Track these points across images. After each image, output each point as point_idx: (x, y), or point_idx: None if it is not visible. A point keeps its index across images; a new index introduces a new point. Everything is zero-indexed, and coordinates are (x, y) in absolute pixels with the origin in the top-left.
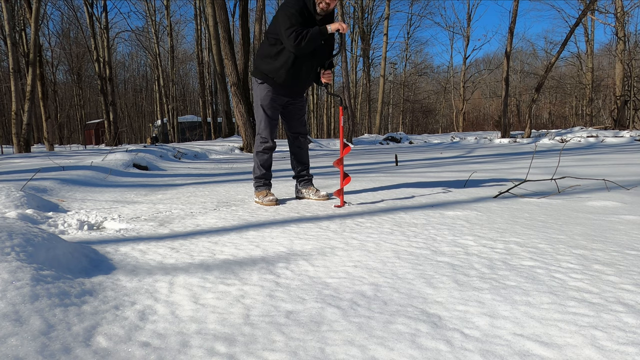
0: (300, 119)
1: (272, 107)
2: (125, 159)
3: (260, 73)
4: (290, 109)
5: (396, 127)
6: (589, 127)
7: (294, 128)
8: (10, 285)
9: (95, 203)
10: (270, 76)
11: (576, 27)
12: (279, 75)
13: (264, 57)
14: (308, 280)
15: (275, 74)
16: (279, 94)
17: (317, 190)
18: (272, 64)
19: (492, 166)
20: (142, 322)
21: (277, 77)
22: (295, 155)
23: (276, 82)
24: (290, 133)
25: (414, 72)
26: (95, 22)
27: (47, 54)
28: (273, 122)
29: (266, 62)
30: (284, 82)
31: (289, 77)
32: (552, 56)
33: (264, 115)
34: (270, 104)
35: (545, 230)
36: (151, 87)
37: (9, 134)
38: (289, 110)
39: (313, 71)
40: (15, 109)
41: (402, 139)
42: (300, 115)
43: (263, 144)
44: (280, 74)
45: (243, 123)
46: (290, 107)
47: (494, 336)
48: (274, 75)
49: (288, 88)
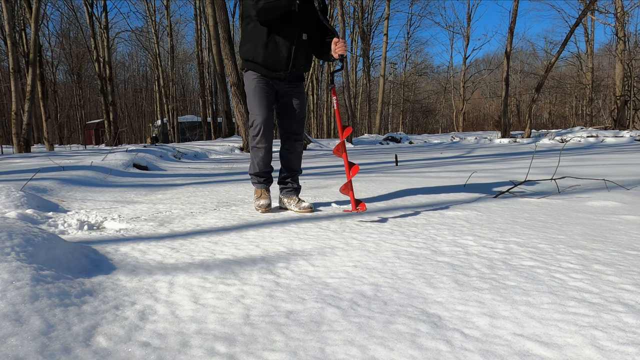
0: (295, 115)
1: (263, 92)
2: (125, 159)
3: (244, 60)
4: (284, 102)
5: (396, 127)
6: (589, 127)
7: (286, 126)
8: (10, 285)
9: (95, 203)
10: (250, 59)
11: (576, 27)
12: (257, 54)
13: (242, 44)
14: (308, 280)
15: (253, 54)
16: (265, 77)
17: (299, 200)
18: (248, 45)
19: (492, 166)
20: (142, 322)
21: (255, 56)
22: (283, 159)
23: (256, 62)
24: (282, 131)
25: (414, 72)
26: (95, 22)
27: (47, 54)
28: (266, 110)
29: (244, 47)
30: (263, 60)
31: (268, 54)
32: (552, 56)
33: (254, 102)
34: (258, 89)
35: (545, 230)
36: (151, 87)
37: (9, 134)
38: (282, 103)
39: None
40: (15, 109)
41: (402, 139)
42: (294, 111)
43: (255, 137)
44: (257, 52)
45: (243, 123)
46: (284, 99)
47: (494, 336)
48: (253, 56)
49: (272, 68)
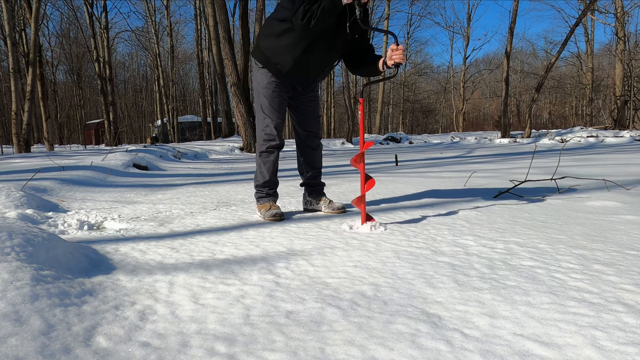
0: (313, 114)
1: (278, 95)
2: (125, 159)
3: (262, 54)
4: (302, 100)
5: (396, 127)
6: (589, 127)
7: (305, 124)
8: (10, 285)
9: (95, 203)
10: (273, 61)
11: (576, 27)
12: (283, 63)
13: (267, 35)
14: (308, 280)
15: (279, 59)
16: (283, 83)
17: (330, 201)
18: (276, 43)
19: (492, 166)
20: (142, 322)
21: (281, 64)
22: (305, 157)
23: (280, 70)
24: (301, 130)
25: (414, 72)
26: (95, 22)
27: (47, 54)
28: (278, 114)
29: (270, 40)
30: (288, 72)
31: (295, 69)
32: (552, 56)
33: (268, 105)
34: (274, 93)
35: (545, 230)
36: (151, 87)
37: (9, 134)
38: (299, 102)
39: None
40: (15, 109)
41: (402, 139)
42: (312, 109)
43: (268, 141)
44: (285, 62)
45: (243, 123)
46: (301, 97)
47: (494, 336)
48: (277, 61)
49: (294, 81)
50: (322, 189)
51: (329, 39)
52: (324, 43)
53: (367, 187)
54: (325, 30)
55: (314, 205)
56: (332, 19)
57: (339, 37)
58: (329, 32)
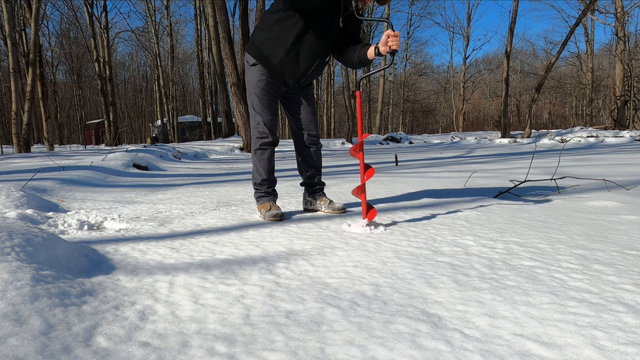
0: (309, 113)
1: (269, 92)
2: (125, 159)
3: (255, 49)
4: (297, 99)
5: (396, 127)
6: (589, 127)
7: (301, 124)
8: (10, 285)
9: (95, 203)
10: (265, 54)
11: (576, 27)
12: (275, 54)
13: (261, 29)
14: (308, 280)
15: (271, 50)
16: (275, 79)
17: (330, 201)
18: (268, 34)
19: (492, 166)
20: (142, 322)
21: (273, 54)
22: (303, 157)
23: (271, 61)
24: (297, 129)
25: (414, 72)
26: (95, 22)
27: (47, 54)
28: (269, 111)
29: (262, 33)
30: (278, 65)
31: (285, 62)
32: (552, 56)
33: (259, 103)
34: (264, 91)
35: (545, 230)
36: (151, 87)
37: (9, 134)
38: (294, 101)
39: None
40: (15, 109)
41: (402, 139)
42: (307, 108)
43: (261, 138)
44: (276, 53)
45: (243, 123)
46: (296, 96)
47: (494, 336)
48: (269, 53)
49: (283, 75)
50: (322, 189)
51: (320, 29)
52: (315, 34)
53: (367, 176)
54: (316, 19)
55: (314, 205)
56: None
57: (331, 29)
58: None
